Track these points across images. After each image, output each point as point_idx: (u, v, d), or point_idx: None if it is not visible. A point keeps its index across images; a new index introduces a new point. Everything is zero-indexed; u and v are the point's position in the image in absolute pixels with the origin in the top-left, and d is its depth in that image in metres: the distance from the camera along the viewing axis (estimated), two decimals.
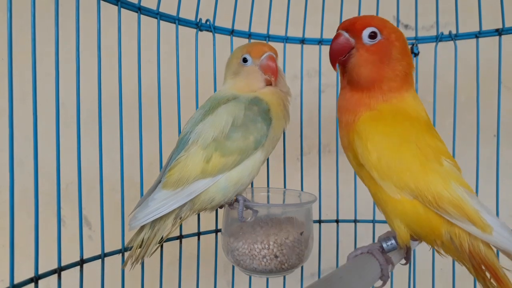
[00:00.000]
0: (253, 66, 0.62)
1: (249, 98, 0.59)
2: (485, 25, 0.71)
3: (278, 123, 0.60)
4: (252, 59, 0.61)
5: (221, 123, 0.56)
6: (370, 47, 0.51)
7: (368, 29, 0.50)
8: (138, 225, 0.56)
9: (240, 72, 0.62)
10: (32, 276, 0.48)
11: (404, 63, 0.51)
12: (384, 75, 0.51)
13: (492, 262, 0.47)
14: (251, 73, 0.62)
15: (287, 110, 0.63)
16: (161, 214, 0.55)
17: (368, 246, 0.52)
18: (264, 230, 0.60)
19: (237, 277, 0.76)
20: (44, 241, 0.53)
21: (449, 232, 0.47)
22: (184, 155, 0.56)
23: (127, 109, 0.61)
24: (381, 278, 0.51)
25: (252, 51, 0.62)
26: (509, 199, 0.92)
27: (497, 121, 0.70)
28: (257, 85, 0.62)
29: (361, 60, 0.51)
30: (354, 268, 0.48)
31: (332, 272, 0.44)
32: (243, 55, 0.62)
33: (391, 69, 0.51)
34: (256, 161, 0.58)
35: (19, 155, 0.59)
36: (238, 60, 0.63)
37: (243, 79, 0.62)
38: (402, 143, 0.48)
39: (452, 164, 0.49)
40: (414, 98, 0.53)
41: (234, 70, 0.63)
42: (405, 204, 0.48)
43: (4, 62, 1.11)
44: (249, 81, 0.62)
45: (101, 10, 0.56)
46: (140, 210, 0.56)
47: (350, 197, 0.80)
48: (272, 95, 0.61)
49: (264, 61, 0.61)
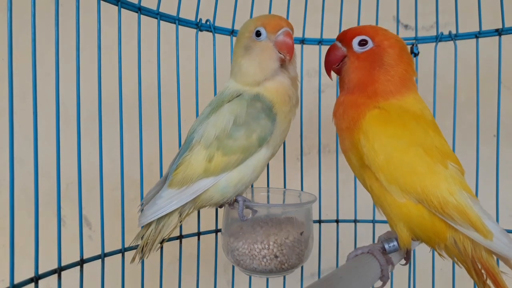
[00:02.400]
0: (267, 42, 0.55)
1: (252, 94, 0.57)
2: (485, 25, 0.71)
3: (283, 118, 0.57)
4: (267, 34, 0.55)
5: (223, 122, 0.56)
6: (360, 54, 0.52)
7: (358, 37, 0.52)
8: (146, 222, 0.57)
9: (252, 48, 0.56)
10: (32, 276, 0.48)
11: (398, 68, 0.52)
12: (376, 80, 0.51)
13: (492, 267, 0.47)
14: (265, 50, 0.55)
15: (294, 101, 0.59)
16: (167, 211, 0.56)
17: (368, 246, 0.52)
18: (264, 230, 0.60)
19: (237, 277, 0.76)
20: (44, 241, 0.53)
21: (453, 237, 0.48)
22: (188, 155, 0.57)
23: (127, 109, 0.61)
24: (381, 278, 0.51)
25: (268, 25, 0.55)
26: (509, 199, 0.91)
27: (497, 121, 0.70)
28: (270, 66, 0.56)
29: (351, 67, 0.53)
30: (354, 268, 0.48)
31: (332, 272, 0.44)
32: (256, 28, 0.55)
33: (384, 75, 0.51)
34: (261, 159, 0.57)
35: (19, 155, 0.59)
36: (251, 34, 0.56)
37: (255, 57, 0.56)
38: (409, 145, 0.48)
39: (457, 168, 0.49)
40: (416, 99, 0.53)
41: (245, 44, 0.57)
42: (410, 208, 0.47)
43: (4, 62, 1.11)
44: (262, 60, 0.56)
45: (101, 10, 0.56)
46: (148, 208, 0.57)
47: (350, 197, 0.80)
48: (277, 92, 0.57)
49: (281, 37, 0.55)
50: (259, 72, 0.56)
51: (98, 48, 0.56)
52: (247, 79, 0.58)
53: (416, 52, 0.74)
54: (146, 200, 0.61)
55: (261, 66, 0.56)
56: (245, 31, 0.58)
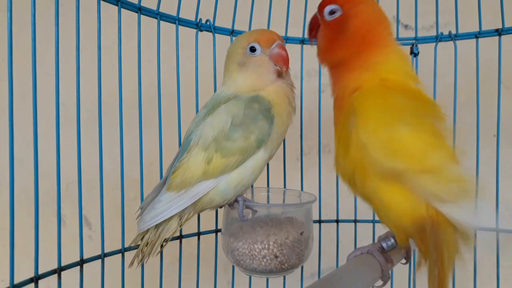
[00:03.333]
0: (263, 56, 0.57)
1: (250, 96, 0.57)
2: (485, 25, 0.71)
3: (281, 121, 0.57)
4: (262, 48, 0.57)
5: (220, 123, 0.55)
6: (329, 22, 0.53)
7: (329, 6, 0.53)
8: (146, 227, 0.57)
9: (247, 63, 0.57)
10: (32, 276, 0.48)
11: (367, 33, 0.51)
12: (343, 47, 0.52)
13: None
14: (262, 64, 0.57)
15: (292, 106, 0.60)
16: (166, 216, 0.56)
17: (367, 247, 0.52)
18: (264, 230, 0.60)
19: (237, 277, 0.76)
20: (44, 241, 0.53)
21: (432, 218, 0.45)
22: (186, 157, 0.56)
23: (127, 109, 0.61)
24: (382, 278, 0.51)
25: (261, 40, 0.57)
26: (509, 199, 0.91)
27: (497, 121, 0.70)
28: (269, 78, 0.57)
29: (321, 35, 0.55)
30: (354, 268, 0.48)
31: (332, 272, 0.44)
32: (250, 44, 0.57)
33: (351, 41, 0.52)
34: (259, 160, 0.57)
35: (19, 155, 0.58)
36: (244, 50, 0.57)
37: (253, 71, 0.57)
38: (396, 124, 0.46)
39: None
40: (399, 56, 0.52)
41: (239, 61, 0.58)
42: (394, 193, 0.46)
43: (4, 62, 1.11)
44: (260, 74, 0.57)
45: (101, 10, 0.56)
46: (147, 213, 0.56)
47: (350, 197, 0.80)
48: (276, 93, 0.57)
49: (276, 50, 0.57)
50: (258, 84, 0.58)
51: (98, 48, 0.56)
52: (245, 89, 0.58)
53: (416, 52, 0.74)
54: (145, 204, 0.60)
55: (259, 79, 0.57)
56: (237, 47, 0.59)
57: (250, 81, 0.58)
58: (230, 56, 0.60)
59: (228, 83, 0.60)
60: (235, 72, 0.59)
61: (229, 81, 0.60)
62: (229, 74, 0.60)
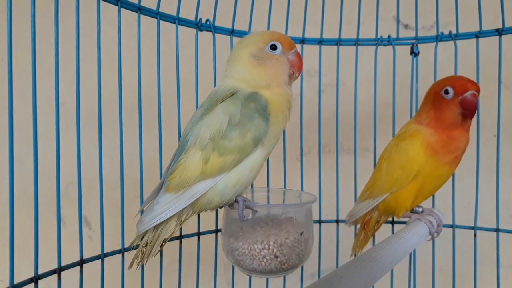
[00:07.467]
0: (282, 57, 0.58)
1: (247, 93, 0.57)
2: (485, 25, 0.71)
3: (277, 120, 0.57)
4: (283, 49, 0.58)
5: (217, 123, 0.55)
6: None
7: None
8: (145, 229, 0.56)
9: (265, 58, 0.58)
10: (32, 276, 0.48)
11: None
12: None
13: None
14: (280, 63, 0.58)
15: (289, 111, 0.60)
16: (165, 217, 0.55)
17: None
18: (264, 230, 0.60)
19: (237, 277, 0.76)
20: (44, 241, 0.53)
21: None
22: (183, 158, 0.56)
23: (127, 109, 0.61)
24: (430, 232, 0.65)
25: (284, 42, 0.58)
26: (509, 199, 0.92)
27: (497, 121, 0.70)
28: (283, 78, 0.58)
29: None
30: (354, 268, 0.48)
31: (332, 272, 0.43)
32: (272, 42, 0.58)
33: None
34: (257, 159, 0.57)
35: (19, 155, 0.59)
36: (264, 45, 0.58)
37: (270, 68, 0.58)
38: None
39: None
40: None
41: (256, 53, 0.58)
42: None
43: (4, 62, 1.11)
44: (277, 71, 0.58)
45: (101, 10, 0.56)
46: (146, 214, 0.56)
47: (350, 197, 0.80)
48: (277, 94, 0.58)
49: (295, 55, 0.59)
50: (272, 81, 0.58)
51: (98, 48, 0.56)
52: (255, 83, 0.58)
53: (416, 52, 0.74)
54: (144, 207, 0.60)
55: (275, 76, 0.58)
56: (256, 41, 0.58)
57: (266, 77, 0.58)
58: (246, 46, 0.59)
59: (237, 74, 0.59)
60: (249, 65, 0.58)
61: (237, 68, 0.59)
62: (240, 63, 0.59)
